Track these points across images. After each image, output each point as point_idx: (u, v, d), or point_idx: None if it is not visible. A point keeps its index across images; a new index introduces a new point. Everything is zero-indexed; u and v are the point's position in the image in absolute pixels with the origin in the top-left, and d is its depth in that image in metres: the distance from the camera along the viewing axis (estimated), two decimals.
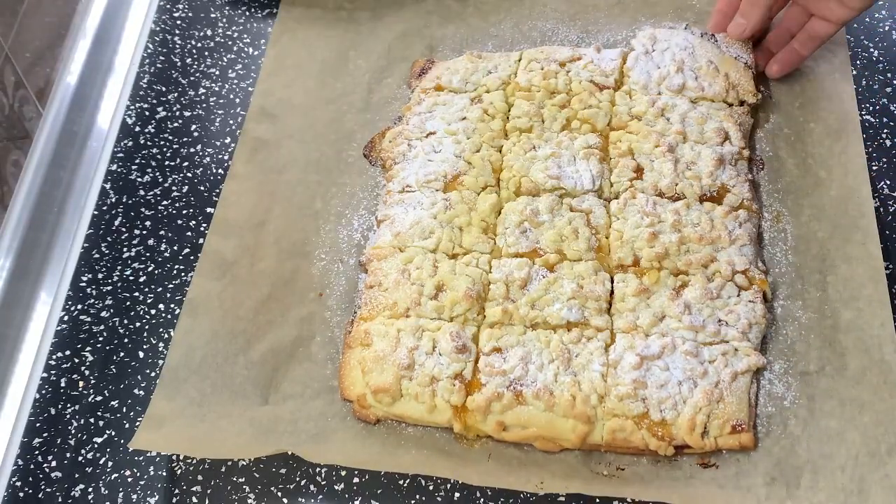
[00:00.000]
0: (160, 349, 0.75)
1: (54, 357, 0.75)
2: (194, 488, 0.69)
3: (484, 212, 0.77)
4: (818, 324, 0.73)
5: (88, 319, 0.77)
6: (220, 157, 0.87)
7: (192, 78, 0.92)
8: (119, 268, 0.80)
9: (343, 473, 0.69)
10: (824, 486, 0.65)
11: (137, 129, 0.89)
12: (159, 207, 0.84)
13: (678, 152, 0.80)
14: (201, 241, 0.81)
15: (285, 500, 0.68)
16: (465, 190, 0.79)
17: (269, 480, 0.69)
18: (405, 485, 0.68)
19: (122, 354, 0.75)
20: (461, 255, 0.75)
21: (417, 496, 0.67)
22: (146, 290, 0.79)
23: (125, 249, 0.81)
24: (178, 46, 0.95)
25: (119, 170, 0.86)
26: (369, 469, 0.68)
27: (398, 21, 0.95)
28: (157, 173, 0.86)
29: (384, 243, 0.76)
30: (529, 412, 0.67)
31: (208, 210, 0.83)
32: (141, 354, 0.75)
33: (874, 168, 0.82)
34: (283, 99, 0.90)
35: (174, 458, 0.70)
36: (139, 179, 0.86)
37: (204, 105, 0.90)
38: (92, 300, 0.78)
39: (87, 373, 0.75)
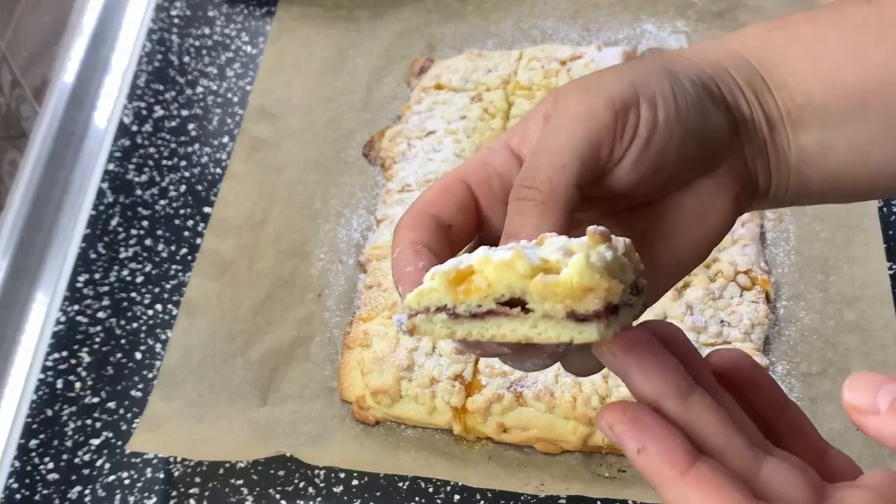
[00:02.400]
0: (157, 350, 0.75)
1: (51, 358, 0.75)
2: (192, 490, 0.68)
3: None
4: (821, 325, 0.72)
5: (85, 320, 0.77)
6: (218, 156, 0.86)
7: (189, 77, 0.92)
8: (116, 268, 0.79)
9: (342, 475, 0.68)
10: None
11: (135, 128, 0.88)
12: (157, 207, 0.83)
13: None
14: (199, 241, 0.80)
15: (283, 503, 0.67)
16: None
17: (268, 482, 0.68)
18: (404, 487, 0.67)
19: (119, 355, 0.75)
20: None
21: (417, 498, 0.67)
22: (143, 290, 0.78)
23: (122, 249, 0.80)
24: (175, 45, 0.94)
25: (116, 169, 0.86)
26: (368, 471, 0.68)
27: (397, 20, 0.94)
28: (155, 173, 0.85)
29: (384, 243, 0.76)
30: (530, 414, 0.67)
31: (206, 210, 0.83)
32: (138, 355, 0.75)
33: None
34: (281, 98, 0.89)
35: (172, 459, 0.69)
36: (136, 179, 0.85)
37: (202, 104, 0.90)
38: (89, 301, 0.78)
39: (83, 374, 0.74)
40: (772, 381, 0.38)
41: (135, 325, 0.76)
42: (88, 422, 0.72)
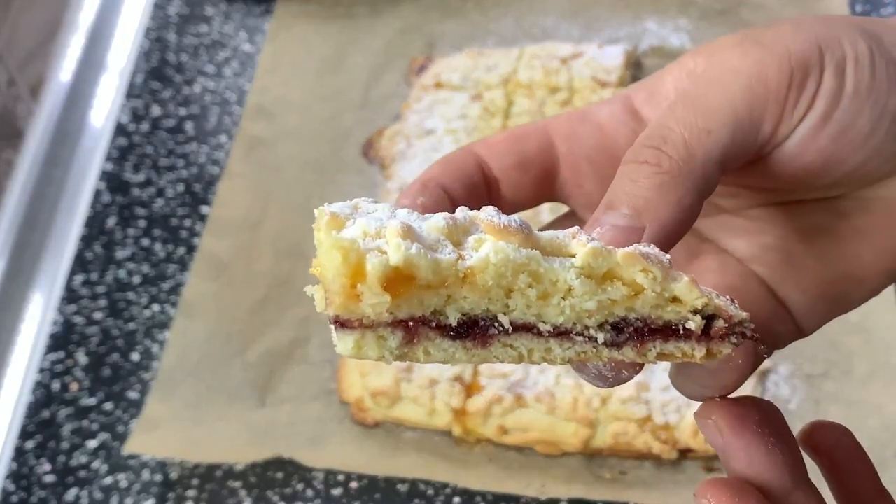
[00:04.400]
0: (155, 351, 0.74)
1: (47, 359, 0.74)
2: (189, 493, 0.67)
3: None
4: (824, 326, 0.72)
5: (82, 321, 0.76)
6: (215, 155, 0.86)
7: (187, 75, 0.91)
8: (113, 268, 0.79)
9: (341, 477, 0.68)
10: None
11: (132, 127, 0.87)
12: (154, 207, 0.82)
13: None
14: (197, 241, 0.80)
15: None
16: None
17: (266, 485, 0.67)
18: (404, 489, 0.67)
19: (116, 356, 0.74)
20: None
21: (416, 500, 0.66)
22: (140, 290, 0.78)
23: (119, 250, 0.80)
24: (173, 43, 0.93)
25: (113, 169, 0.85)
26: (367, 473, 0.67)
27: (397, 17, 0.93)
28: (152, 172, 0.85)
29: None
30: (530, 415, 0.66)
31: (204, 209, 0.82)
32: (135, 356, 0.74)
33: None
34: (279, 97, 0.88)
35: (169, 461, 0.69)
36: (133, 178, 0.84)
37: (199, 103, 0.89)
38: (85, 301, 0.77)
39: (80, 375, 0.73)
40: (871, 466, 0.33)
41: (132, 325, 0.76)
42: (85, 423, 0.71)
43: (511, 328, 0.24)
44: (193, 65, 0.92)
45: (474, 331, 0.24)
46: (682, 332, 0.25)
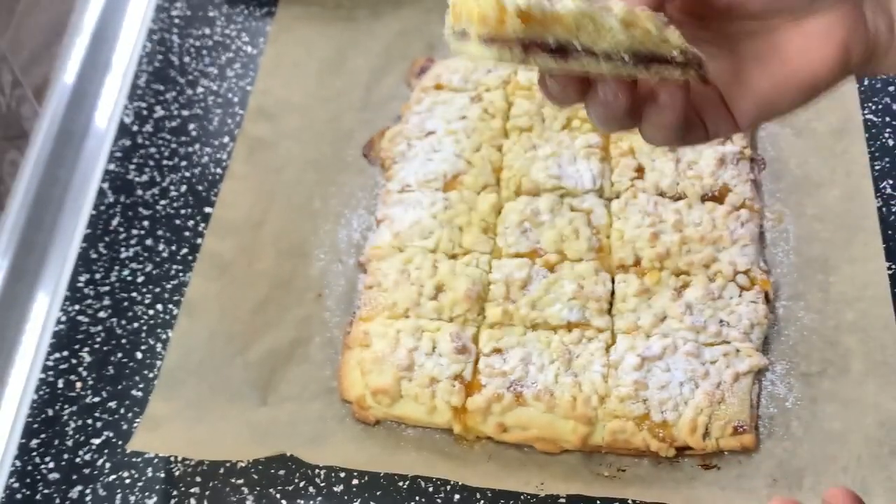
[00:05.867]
0: (158, 350, 0.75)
1: (52, 358, 0.75)
2: (192, 490, 0.68)
3: (484, 211, 0.76)
4: (820, 325, 0.72)
5: (86, 320, 0.77)
6: (218, 156, 0.86)
7: (190, 77, 0.92)
8: (117, 268, 0.80)
9: (342, 475, 0.68)
10: (827, 488, 0.65)
11: (135, 128, 0.88)
12: (157, 207, 0.83)
13: (679, 152, 0.79)
14: (200, 241, 0.80)
15: (284, 502, 0.67)
16: (464, 190, 0.78)
17: (268, 482, 0.68)
18: (405, 486, 0.68)
19: (119, 355, 0.75)
20: (461, 255, 0.75)
21: (417, 497, 0.67)
22: (144, 290, 0.78)
23: (123, 249, 0.81)
24: (176, 45, 0.94)
25: (117, 169, 0.86)
26: (368, 470, 0.68)
27: (397, 19, 0.94)
28: (155, 173, 0.85)
29: (383, 243, 0.76)
30: (530, 413, 0.67)
31: (207, 210, 0.83)
32: (139, 355, 0.75)
33: (877, 168, 0.82)
34: (281, 98, 0.89)
35: (172, 459, 0.70)
36: (137, 179, 0.85)
37: (202, 104, 0.90)
38: (90, 300, 0.78)
39: (84, 374, 0.74)
40: None
41: (135, 324, 0.77)
42: (89, 421, 0.72)
43: (581, 50, 0.40)
44: (196, 66, 0.93)
45: (561, 51, 0.40)
46: (670, 61, 0.41)
